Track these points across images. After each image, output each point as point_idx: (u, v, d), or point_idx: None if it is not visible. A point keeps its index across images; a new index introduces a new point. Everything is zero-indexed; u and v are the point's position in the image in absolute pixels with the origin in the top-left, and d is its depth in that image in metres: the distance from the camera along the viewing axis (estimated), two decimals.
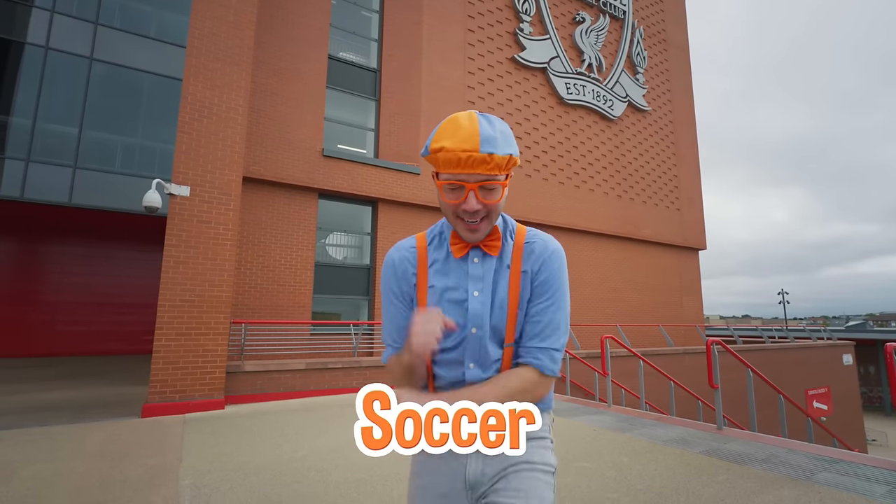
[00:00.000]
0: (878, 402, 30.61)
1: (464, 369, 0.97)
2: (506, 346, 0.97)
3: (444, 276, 0.99)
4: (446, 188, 0.92)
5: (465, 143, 0.86)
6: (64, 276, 12.13)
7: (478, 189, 0.89)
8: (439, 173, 0.92)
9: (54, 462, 3.54)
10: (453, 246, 0.98)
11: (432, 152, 0.89)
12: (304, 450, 3.88)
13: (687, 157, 17.00)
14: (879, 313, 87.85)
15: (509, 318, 0.96)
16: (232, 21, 6.40)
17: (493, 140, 0.87)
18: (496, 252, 0.98)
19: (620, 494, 2.82)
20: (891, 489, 2.76)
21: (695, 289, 16.19)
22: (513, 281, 0.97)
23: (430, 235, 1.05)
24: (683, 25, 18.38)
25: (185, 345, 5.56)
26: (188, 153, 5.83)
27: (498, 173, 0.89)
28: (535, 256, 0.98)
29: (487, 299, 0.96)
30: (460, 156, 0.85)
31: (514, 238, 1.01)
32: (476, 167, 0.86)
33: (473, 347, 0.96)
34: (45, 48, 9.25)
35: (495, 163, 0.87)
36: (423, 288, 1.00)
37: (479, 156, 0.85)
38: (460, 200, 0.90)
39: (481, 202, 0.90)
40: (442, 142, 0.87)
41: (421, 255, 1.02)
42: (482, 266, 0.98)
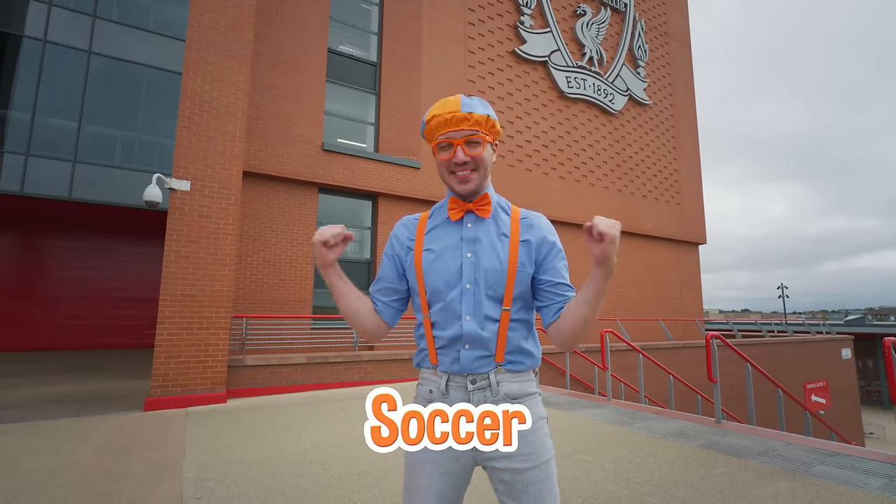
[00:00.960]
0: (877, 395, 30.77)
1: (461, 322, 1.06)
2: (504, 309, 1.07)
3: (439, 240, 1.12)
4: (439, 147, 1.09)
5: (449, 107, 1.07)
6: (64, 270, 12.14)
7: (464, 143, 1.07)
8: (434, 140, 1.10)
9: (59, 455, 3.57)
10: (451, 210, 1.13)
11: (426, 123, 1.10)
12: (305, 443, 3.91)
13: (687, 151, 16.96)
14: (878, 307, 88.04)
15: (508, 279, 1.07)
16: (231, 14, 6.36)
17: (471, 104, 1.08)
18: (487, 215, 1.12)
19: (620, 487, 2.85)
20: (887, 482, 2.78)
21: (695, 283, 16.22)
22: (512, 247, 1.09)
23: (432, 210, 1.21)
24: (685, 18, 18.26)
25: (187, 339, 5.58)
26: (188, 147, 5.82)
27: (478, 129, 1.07)
28: (535, 229, 1.12)
29: (480, 260, 1.08)
30: (446, 117, 1.06)
31: (511, 213, 1.16)
32: (459, 124, 1.06)
33: (468, 301, 1.06)
34: (43, 41, 9.20)
35: (475, 119, 1.07)
36: (419, 251, 1.13)
37: (460, 114, 1.06)
38: (451, 156, 1.07)
39: (467, 154, 1.07)
40: (432, 112, 1.09)
41: (421, 225, 1.17)
42: (475, 230, 1.11)
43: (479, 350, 1.06)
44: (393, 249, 1.18)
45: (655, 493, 2.75)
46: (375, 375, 7.22)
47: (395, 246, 1.17)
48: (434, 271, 1.09)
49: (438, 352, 1.09)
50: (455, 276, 1.07)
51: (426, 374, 1.12)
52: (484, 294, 1.06)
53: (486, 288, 1.06)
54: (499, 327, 1.06)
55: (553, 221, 12.36)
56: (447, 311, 1.07)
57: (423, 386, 1.12)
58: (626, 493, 2.76)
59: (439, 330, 1.08)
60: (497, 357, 1.06)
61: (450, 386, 1.07)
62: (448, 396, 1.06)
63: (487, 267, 1.07)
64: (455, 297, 1.06)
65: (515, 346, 1.08)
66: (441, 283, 1.08)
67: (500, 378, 1.06)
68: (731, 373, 8.33)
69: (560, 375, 8.50)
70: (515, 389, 1.06)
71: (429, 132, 1.11)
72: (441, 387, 1.07)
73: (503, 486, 1.03)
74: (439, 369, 1.08)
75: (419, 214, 1.22)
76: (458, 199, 1.12)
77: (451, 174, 1.09)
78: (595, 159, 14.05)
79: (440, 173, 1.12)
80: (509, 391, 1.05)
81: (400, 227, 1.19)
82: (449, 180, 1.11)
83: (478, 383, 1.05)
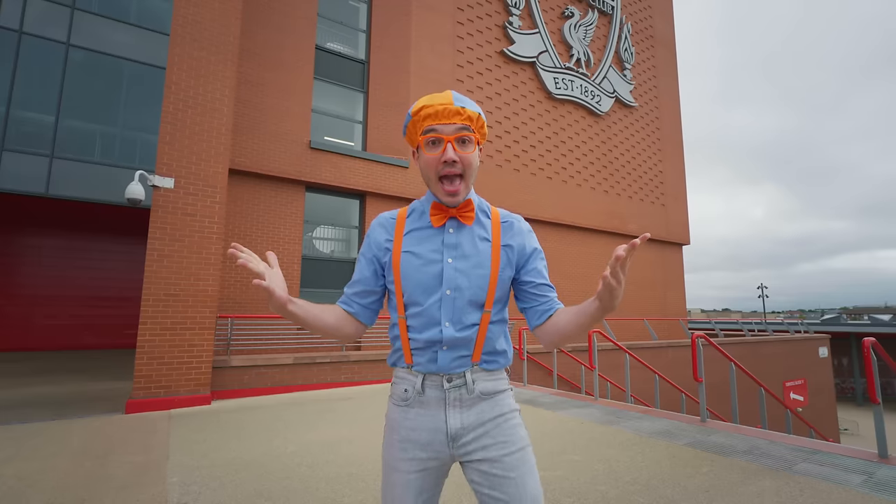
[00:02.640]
0: (850, 392, 31.71)
1: (441, 328, 1.04)
2: (484, 311, 1.06)
3: (420, 244, 1.08)
4: (427, 143, 1.04)
5: (441, 99, 1.03)
6: (41, 268, 11.79)
7: (454, 140, 1.02)
8: (421, 133, 1.04)
9: (37, 459, 3.46)
10: (433, 216, 1.08)
11: (414, 114, 1.04)
12: (293, 445, 3.86)
13: (672, 153, 17.22)
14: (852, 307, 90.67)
15: (490, 283, 1.06)
16: (217, 8, 6.24)
17: (464, 100, 1.05)
18: (470, 222, 1.08)
19: (609, 487, 2.88)
20: (866, 479, 2.86)
21: (678, 283, 16.48)
22: (494, 252, 1.08)
23: (411, 208, 1.15)
24: (670, 23, 18.53)
25: (170, 339, 5.46)
26: (172, 144, 5.69)
27: (470, 125, 1.04)
28: (514, 232, 1.12)
29: (462, 265, 1.05)
30: (437, 108, 1.01)
31: (491, 216, 1.14)
32: (451, 117, 1.01)
33: (448, 308, 1.04)
34: (19, 32, 8.90)
35: (467, 114, 1.03)
36: (397, 253, 1.08)
37: (453, 107, 1.02)
38: (439, 153, 1.02)
39: (458, 153, 1.02)
40: (421, 103, 1.04)
41: (399, 224, 1.12)
42: (457, 236, 1.08)
43: (457, 351, 1.05)
44: (370, 251, 1.13)
45: (644, 492, 2.78)
46: (363, 376, 7.17)
47: (373, 247, 1.13)
48: (413, 276, 1.05)
49: (414, 352, 1.07)
50: (434, 281, 1.05)
51: (401, 372, 1.10)
52: (465, 300, 1.04)
53: (467, 294, 1.04)
54: (478, 329, 1.06)
55: (540, 222, 12.57)
56: (425, 316, 1.05)
57: (399, 385, 1.10)
58: (615, 492, 2.78)
59: (416, 333, 1.06)
60: (474, 357, 1.06)
61: (426, 385, 1.06)
62: (424, 395, 1.05)
63: (469, 273, 1.05)
64: (434, 303, 1.04)
65: (492, 346, 1.08)
66: (420, 289, 1.05)
67: (475, 376, 1.06)
68: (714, 371, 8.48)
69: (547, 375, 8.55)
70: (490, 387, 1.07)
71: (415, 125, 1.06)
72: (417, 386, 1.06)
73: (481, 477, 1.02)
74: (415, 369, 1.07)
75: (396, 212, 1.16)
76: (441, 205, 1.08)
77: (439, 181, 1.04)
78: (582, 160, 14.17)
79: (424, 175, 1.07)
80: (484, 389, 1.06)
81: (376, 228, 1.14)
82: (436, 188, 1.06)
83: (454, 381, 1.05)
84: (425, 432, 1.04)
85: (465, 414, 1.04)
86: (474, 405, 1.05)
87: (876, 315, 43.92)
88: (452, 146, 1.02)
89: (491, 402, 1.06)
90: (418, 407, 1.06)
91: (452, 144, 1.02)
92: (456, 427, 1.03)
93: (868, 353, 3.36)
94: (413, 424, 1.05)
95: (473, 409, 1.05)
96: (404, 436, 1.05)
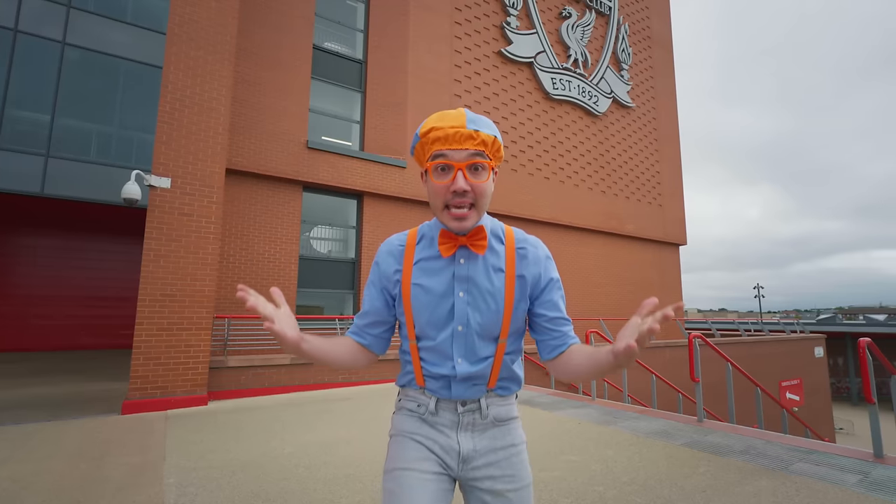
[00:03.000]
0: (846, 392, 31.89)
1: (453, 363, 1.00)
2: (499, 342, 1.01)
3: (430, 276, 1.01)
4: (435, 170, 0.95)
5: (452, 121, 0.93)
6: (36, 268, 11.72)
7: (465, 168, 0.93)
8: (429, 158, 0.96)
9: (32, 461, 3.44)
10: (441, 245, 0.99)
11: (422, 136, 0.95)
12: (291, 446, 3.85)
13: (669, 153, 17.27)
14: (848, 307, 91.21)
15: (505, 318, 1.00)
16: (214, 8, 6.22)
17: (479, 121, 0.95)
18: (482, 251, 0.99)
19: (606, 487, 2.88)
20: (862, 478, 2.87)
21: (675, 283, 16.53)
22: (508, 284, 1.01)
23: (420, 232, 1.08)
24: (667, 24, 18.59)
25: (167, 340, 5.44)
26: (169, 144, 5.67)
27: (484, 150, 0.94)
28: (529, 262, 1.03)
29: (474, 300, 0.99)
30: (448, 132, 0.92)
31: (505, 241, 1.05)
32: (463, 142, 0.92)
33: (460, 343, 0.99)
34: (14, 31, 8.85)
35: (481, 139, 0.94)
36: (406, 285, 1.02)
37: (465, 131, 0.92)
38: (449, 181, 0.93)
39: (469, 182, 0.93)
40: (430, 124, 0.95)
41: (408, 252, 1.05)
42: (468, 267, 1.00)
43: (471, 381, 1.02)
44: (380, 281, 1.07)
45: (641, 492, 2.79)
46: (361, 376, 7.16)
47: (382, 278, 1.06)
48: (424, 310, 1.00)
49: (427, 379, 1.04)
50: (446, 317, 0.99)
51: (412, 392, 1.07)
52: (477, 335, 1.00)
53: (479, 329, 0.99)
54: (493, 361, 1.02)
55: (538, 222, 12.58)
56: (437, 351, 1.01)
57: (410, 400, 1.07)
58: (613, 493, 2.79)
59: (429, 365, 1.02)
60: (489, 384, 1.03)
61: (439, 407, 1.03)
62: (437, 416, 1.03)
63: (482, 307, 0.99)
64: (445, 339, 1.00)
65: (507, 373, 1.05)
66: (431, 324, 1.00)
67: (489, 402, 1.03)
68: (711, 371, 8.51)
69: (545, 375, 8.57)
70: (503, 413, 1.05)
71: (422, 148, 0.97)
72: (430, 407, 1.03)
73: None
74: (428, 391, 1.04)
75: (405, 236, 1.09)
76: (450, 233, 1.00)
77: (445, 209, 0.96)
78: (579, 160, 14.19)
79: (432, 203, 0.99)
80: (497, 415, 1.04)
81: (385, 256, 1.07)
82: (442, 216, 0.97)
83: (468, 406, 1.03)
84: (437, 446, 1.02)
85: (478, 438, 1.02)
86: (487, 430, 1.03)
87: (871, 315, 44.18)
88: (463, 174, 0.93)
89: (503, 429, 1.04)
90: (430, 425, 1.03)
91: (464, 172, 0.93)
92: (468, 449, 1.01)
93: (864, 353, 3.37)
94: (426, 434, 1.03)
95: (486, 434, 1.03)
96: (420, 441, 1.02)
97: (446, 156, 0.93)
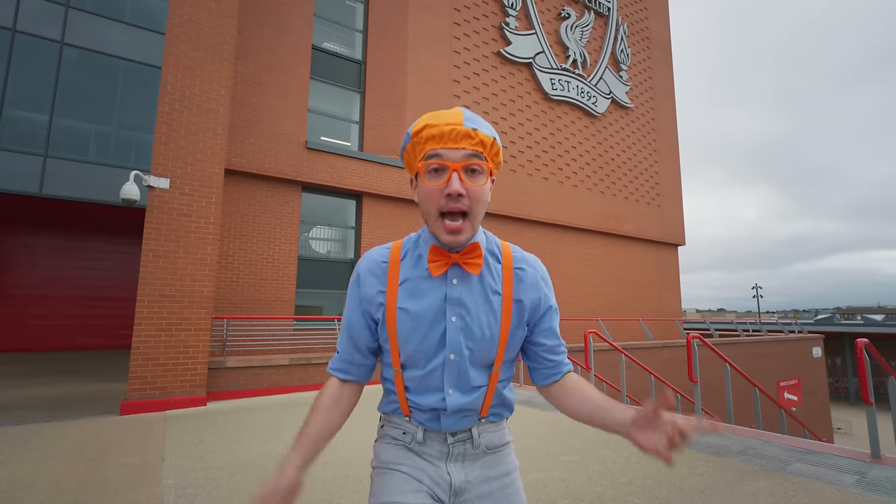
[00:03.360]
0: (844, 391, 31.97)
1: (443, 395, 0.91)
2: (493, 369, 0.94)
3: (418, 299, 0.91)
4: (428, 171, 0.86)
5: (449, 118, 0.86)
6: (35, 268, 11.70)
7: (461, 170, 0.84)
8: (421, 158, 0.87)
9: (30, 462, 3.43)
10: (431, 263, 0.89)
11: (414, 134, 0.87)
12: (289, 446, 3.84)
13: (668, 153, 17.30)
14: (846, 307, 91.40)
15: (500, 345, 0.92)
16: (213, 8, 6.21)
17: (477, 120, 0.88)
18: (477, 271, 0.90)
19: (605, 488, 2.89)
20: (859, 478, 2.88)
21: (674, 284, 16.56)
22: (505, 309, 0.92)
23: (405, 248, 0.96)
24: (666, 25, 18.62)
25: (166, 341, 5.44)
26: (168, 144, 5.67)
27: (482, 151, 0.86)
28: (527, 285, 0.95)
29: (467, 325, 0.90)
30: (444, 129, 0.84)
31: (502, 259, 0.96)
32: (460, 141, 0.84)
33: (452, 373, 0.90)
34: (13, 31, 8.83)
35: (479, 139, 0.86)
36: (391, 309, 0.91)
37: (462, 129, 0.84)
38: (442, 183, 0.85)
39: (465, 185, 0.84)
40: (423, 122, 0.87)
41: (392, 270, 0.93)
42: (461, 288, 0.91)
43: (463, 413, 0.93)
44: (361, 305, 0.95)
45: (640, 493, 2.79)
46: None
47: (363, 302, 0.95)
48: (411, 338, 0.90)
49: (413, 409, 0.95)
50: (437, 345, 0.90)
51: (397, 419, 0.98)
52: (470, 364, 0.91)
53: (473, 358, 0.91)
54: (486, 389, 0.94)
55: (537, 222, 12.60)
56: (425, 381, 0.92)
57: (394, 427, 0.98)
58: (611, 493, 2.80)
59: (415, 396, 0.93)
60: (481, 413, 0.95)
61: (427, 437, 0.94)
62: (425, 445, 0.94)
63: (476, 334, 0.90)
64: (436, 368, 0.90)
65: (499, 399, 0.97)
66: (419, 353, 0.90)
67: (481, 430, 0.96)
68: (709, 371, 8.52)
69: None
70: (495, 440, 0.98)
71: (414, 147, 0.89)
72: (417, 436, 0.94)
73: None
74: (415, 420, 0.95)
75: (388, 251, 0.96)
76: (441, 247, 0.89)
77: (439, 218, 0.86)
78: (578, 161, 14.21)
79: (423, 209, 0.88)
80: (489, 443, 0.96)
81: (367, 278, 0.95)
82: (436, 225, 0.87)
83: (458, 436, 0.94)
84: (427, 477, 0.93)
85: (469, 468, 0.94)
86: (479, 458, 0.96)
87: (869, 315, 44.28)
88: (459, 176, 0.84)
89: (496, 456, 0.97)
90: (416, 455, 0.95)
91: (459, 174, 0.84)
92: (460, 480, 0.93)
93: (861, 354, 3.38)
94: (413, 465, 0.94)
95: (478, 463, 0.95)
96: (408, 473, 0.93)
97: (441, 155, 0.85)
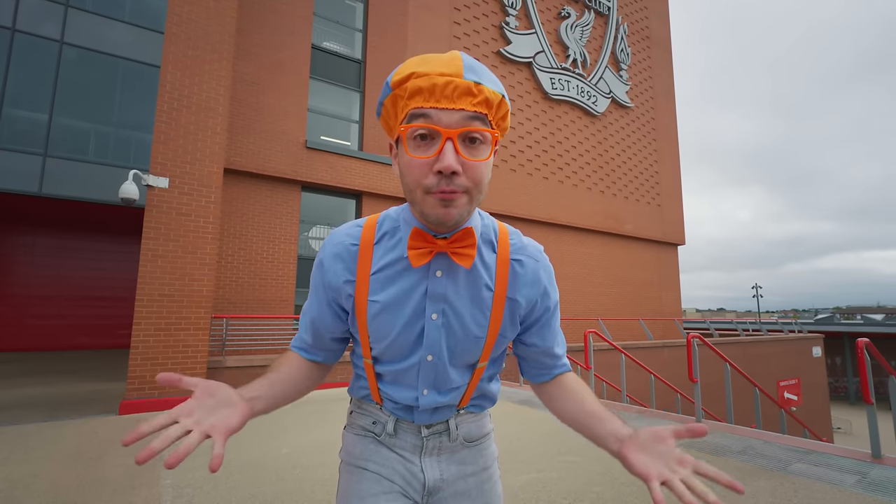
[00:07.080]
0: (843, 391, 31.98)
1: (417, 394, 0.81)
2: (478, 366, 0.83)
3: (392, 289, 0.75)
4: (412, 137, 0.64)
5: (444, 67, 0.63)
6: (34, 268, 11.69)
7: (458, 139, 0.63)
8: (404, 119, 0.66)
9: (28, 462, 3.42)
10: (412, 251, 0.71)
11: (395, 85, 0.65)
12: (288, 447, 3.84)
13: (667, 153, 17.29)
14: (846, 307, 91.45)
15: (486, 346, 0.80)
16: (213, 7, 6.20)
17: (481, 70, 0.65)
18: (468, 264, 0.71)
19: (605, 488, 2.88)
20: (860, 479, 2.87)
21: (673, 283, 16.56)
22: (496, 307, 0.78)
23: (381, 227, 0.78)
24: (666, 24, 18.60)
25: (165, 340, 5.43)
26: (167, 143, 5.66)
27: (486, 113, 0.65)
28: (526, 281, 0.80)
29: (450, 324, 0.77)
30: (436, 80, 0.62)
31: (497, 248, 0.79)
32: (457, 99, 0.62)
33: (428, 374, 0.79)
34: (12, 30, 8.82)
35: (484, 96, 0.64)
36: (362, 302, 0.76)
37: (462, 82, 0.62)
38: (432, 155, 0.63)
39: (462, 159, 0.63)
40: (411, 68, 0.64)
41: (363, 255, 0.76)
42: (445, 281, 0.75)
43: (438, 410, 0.84)
44: (325, 293, 0.80)
45: (639, 493, 2.78)
46: None
47: (328, 288, 0.79)
48: (383, 334, 0.77)
49: (385, 398, 0.84)
50: (412, 344, 0.77)
51: (367, 406, 0.87)
52: (450, 365, 0.79)
53: (454, 359, 0.79)
54: (468, 384, 0.83)
55: (536, 222, 12.59)
56: (399, 380, 0.81)
57: (364, 417, 0.87)
58: (611, 493, 2.79)
59: (387, 387, 0.83)
60: (460, 405, 0.85)
61: (399, 427, 0.84)
62: (396, 437, 0.84)
63: (459, 335, 0.77)
64: (410, 368, 0.79)
65: (482, 391, 0.87)
66: (392, 351, 0.79)
67: (459, 421, 0.86)
68: (709, 371, 8.52)
69: None
70: (475, 431, 0.87)
71: (395, 103, 0.67)
72: (388, 427, 0.84)
73: None
74: (385, 408, 0.85)
75: (359, 230, 0.78)
76: (425, 231, 0.71)
77: (427, 193, 0.65)
78: (578, 160, 14.20)
79: (407, 183, 0.68)
80: (468, 435, 0.86)
81: (331, 260, 0.78)
82: (422, 202, 0.67)
83: (433, 428, 0.84)
84: (398, 476, 0.83)
85: (445, 464, 0.85)
86: (456, 452, 0.86)
87: (869, 315, 44.31)
88: (455, 147, 0.62)
89: (475, 449, 0.88)
90: (387, 448, 0.84)
91: (455, 144, 0.62)
92: (434, 478, 0.83)
93: (862, 354, 3.37)
94: (384, 461, 0.83)
95: (455, 458, 0.86)
96: (376, 470, 0.83)
97: (430, 117, 0.63)
